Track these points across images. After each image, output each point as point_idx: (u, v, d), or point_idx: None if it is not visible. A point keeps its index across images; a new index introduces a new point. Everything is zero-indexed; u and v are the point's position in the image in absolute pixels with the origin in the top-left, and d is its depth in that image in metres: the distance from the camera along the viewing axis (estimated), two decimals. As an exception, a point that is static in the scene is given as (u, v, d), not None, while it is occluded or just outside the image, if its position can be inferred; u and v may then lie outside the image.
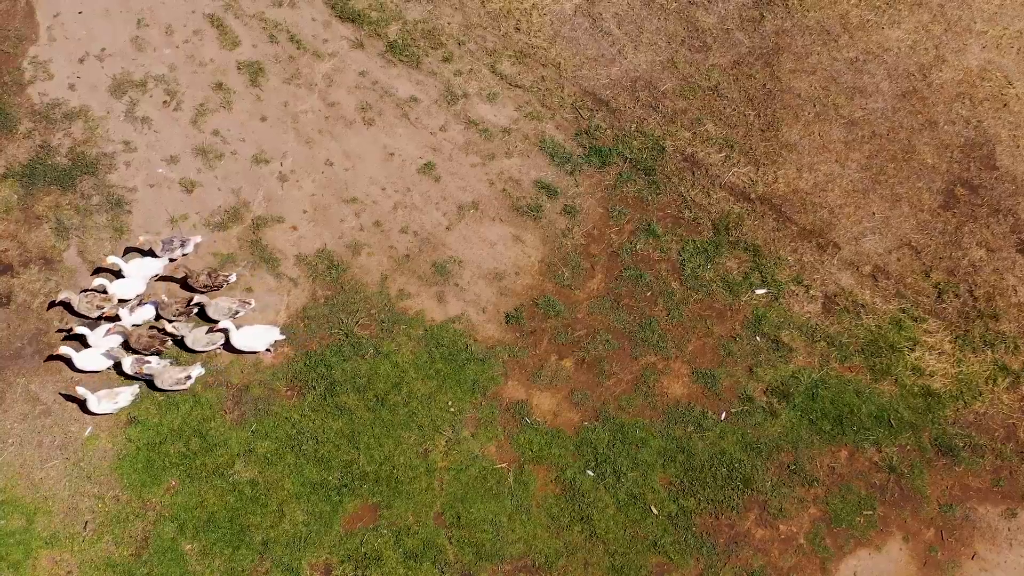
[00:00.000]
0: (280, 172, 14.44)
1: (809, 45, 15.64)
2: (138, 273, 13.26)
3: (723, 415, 13.11)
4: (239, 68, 15.12)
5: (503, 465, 12.76)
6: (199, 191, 14.22)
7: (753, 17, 15.86)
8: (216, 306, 13.05)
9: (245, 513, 12.35)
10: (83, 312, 13.02)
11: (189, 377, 12.72)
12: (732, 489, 12.64)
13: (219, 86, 14.95)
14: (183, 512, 12.32)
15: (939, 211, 14.48)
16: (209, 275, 13.26)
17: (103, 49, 15.13)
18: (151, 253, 13.41)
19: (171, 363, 12.86)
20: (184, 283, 13.38)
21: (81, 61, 15.02)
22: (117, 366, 12.83)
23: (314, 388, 13.02)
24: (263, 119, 14.77)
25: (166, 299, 13.18)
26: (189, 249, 13.50)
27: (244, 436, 12.71)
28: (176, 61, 15.11)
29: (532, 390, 13.20)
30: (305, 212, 14.19)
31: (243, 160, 14.48)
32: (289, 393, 13.05)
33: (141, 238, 13.38)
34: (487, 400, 13.10)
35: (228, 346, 13.02)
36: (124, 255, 13.50)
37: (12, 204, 14.00)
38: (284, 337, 13.14)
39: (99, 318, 13.03)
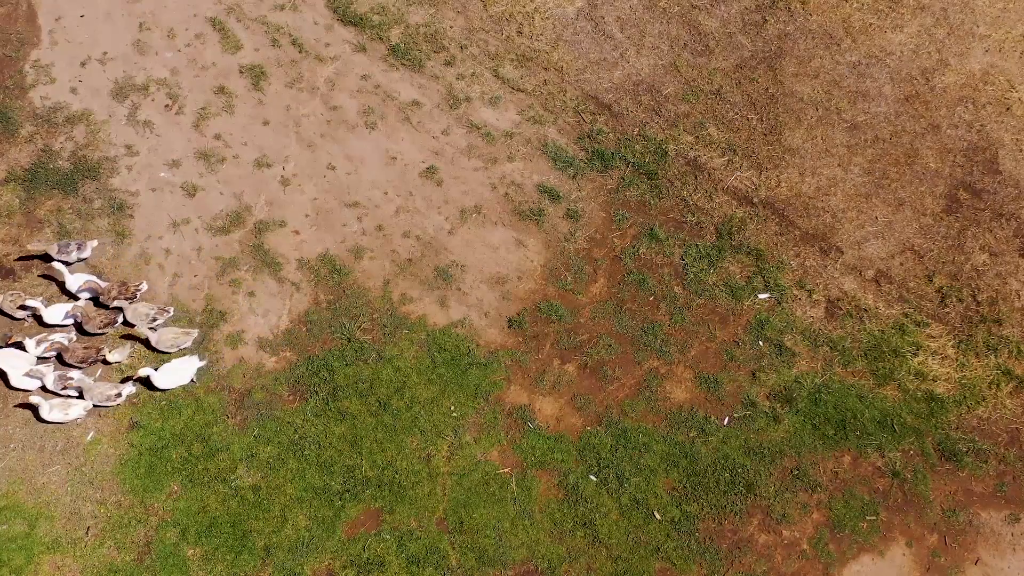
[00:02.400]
0: (282, 176, 14.42)
1: (812, 49, 15.62)
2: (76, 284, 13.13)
3: (726, 420, 13.09)
4: (241, 72, 15.10)
5: (506, 470, 12.74)
6: (201, 195, 14.21)
7: (756, 21, 15.84)
8: (135, 311, 12.89)
9: (247, 518, 12.33)
10: (7, 312, 12.97)
11: (120, 395, 12.60)
12: (735, 494, 12.63)
13: (221, 90, 14.93)
14: (185, 517, 12.31)
15: (942, 215, 14.46)
16: (120, 288, 13.07)
17: (105, 53, 15.11)
18: (47, 257, 13.25)
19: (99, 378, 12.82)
20: (96, 300, 13.19)
21: (83, 65, 15.00)
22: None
23: (316, 393, 13.01)
24: (265, 123, 14.75)
25: (91, 313, 13.04)
26: (86, 253, 13.33)
27: (246, 441, 12.69)
28: (178, 65, 15.09)
29: (535, 395, 13.18)
30: (307, 216, 14.17)
31: (245, 164, 14.46)
32: (291, 398, 13.03)
33: (29, 246, 13.25)
34: (489, 405, 13.08)
35: (150, 386, 12.76)
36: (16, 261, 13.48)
37: (14, 208, 13.98)
38: (205, 363, 12.96)
39: (5, 345, 12.85)
